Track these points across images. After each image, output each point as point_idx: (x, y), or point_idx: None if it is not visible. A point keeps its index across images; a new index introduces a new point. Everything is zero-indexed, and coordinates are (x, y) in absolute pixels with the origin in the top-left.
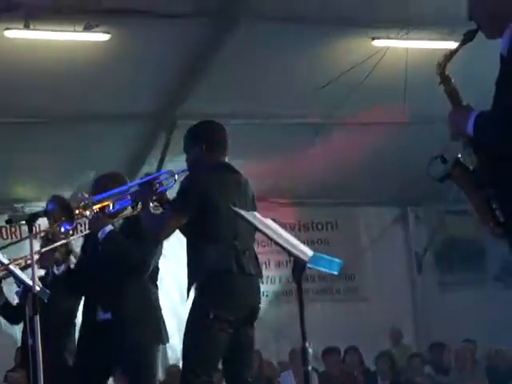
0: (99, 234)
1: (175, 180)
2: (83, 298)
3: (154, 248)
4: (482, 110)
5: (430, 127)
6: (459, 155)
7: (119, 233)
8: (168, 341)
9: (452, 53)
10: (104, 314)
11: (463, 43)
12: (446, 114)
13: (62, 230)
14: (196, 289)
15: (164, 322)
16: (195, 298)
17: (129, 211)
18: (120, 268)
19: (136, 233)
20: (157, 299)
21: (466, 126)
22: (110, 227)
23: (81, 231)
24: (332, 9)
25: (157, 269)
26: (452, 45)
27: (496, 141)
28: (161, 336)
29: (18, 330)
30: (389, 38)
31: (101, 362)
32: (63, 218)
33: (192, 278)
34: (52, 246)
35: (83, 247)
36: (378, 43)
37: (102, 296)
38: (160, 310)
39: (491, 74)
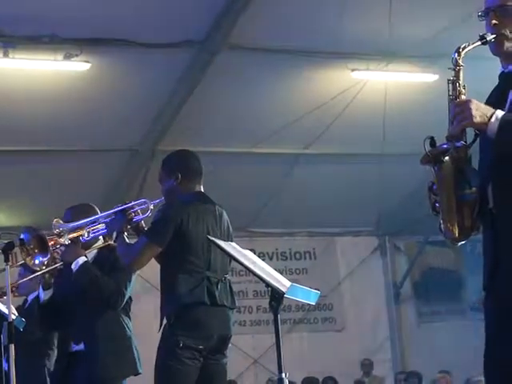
0: (73, 266)
1: (151, 209)
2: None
3: (128, 280)
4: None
5: (407, 159)
6: (455, 145)
7: (93, 264)
8: (141, 370)
9: (471, 45)
10: (76, 346)
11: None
12: (422, 145)
13: (37, 262)
14: (166, 318)
15: (137, 351)
16: (165, 327)
17: (101, 242)
18: (93, 300)
19: (110, 264)
20: (130, 330)
21: (489, 118)
22: (83, 259)
23: (56, 262)
24: (312, 40)
25: (130, 300)
26: (431, 77)
27: None
28: (134, 366)
29: None
30: (368, 69)
31: None
32: (36, 251)
33: (164, 307)
34: (30, 277)
35: (56, 280)
36: (357, 75)
37: (75, 327)
38: (132, 340)
39: None
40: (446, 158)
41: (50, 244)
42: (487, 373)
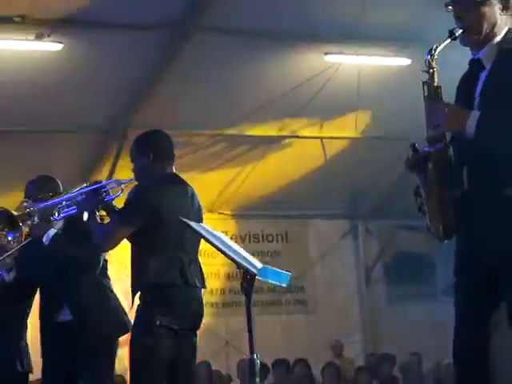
0: (44, 239)
1: (122, 189)
2: (39, 302)
3: None
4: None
5: (379, 142)
6: (436, 147)
7: (63, 233)
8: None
9: (442, 44)
10: (64, 316)
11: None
12: (394, 129)
13: (9, 238)
14: (140, 298)
15: (124, 311)
16: (140, 306)
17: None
18: (71, 268)
19: (79, 231)
20: (111, 290)
21: (465, 121)
22: (53, 231)
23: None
24: (285, 23)
25: (105, 261)
26: (404, 61)
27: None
28: (124, 324)
29: None
30: (342, 53)
31: (68, 366)
32: (6, 229)
33: (136, 287)
34: (6, 255)
35: (22, 254)
36: (330, 58)
37: (57, 298)
38: (117, 300)
39: None
40: (429, 161)
41: (20, 221)
42: (455, 354)
